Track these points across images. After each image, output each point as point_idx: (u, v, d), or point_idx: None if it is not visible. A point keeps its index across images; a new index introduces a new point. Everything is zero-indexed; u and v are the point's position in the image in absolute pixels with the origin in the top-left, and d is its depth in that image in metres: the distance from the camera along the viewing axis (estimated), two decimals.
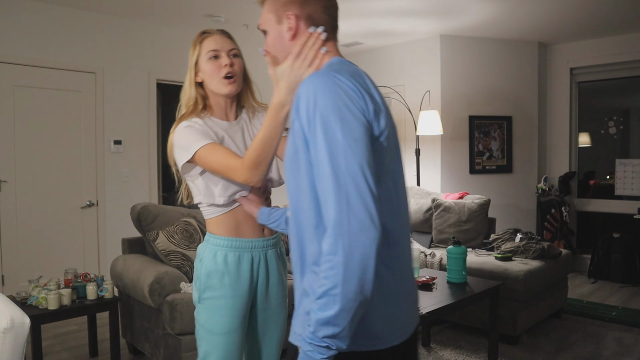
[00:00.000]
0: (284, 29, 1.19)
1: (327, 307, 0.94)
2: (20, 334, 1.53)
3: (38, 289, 2.83)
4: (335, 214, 0.96)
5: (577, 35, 5.41)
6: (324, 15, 1.18)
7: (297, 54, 1.23)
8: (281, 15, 1.18)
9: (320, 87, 1.02)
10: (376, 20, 4.85)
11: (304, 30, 1.18)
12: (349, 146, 0.98)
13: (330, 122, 0.99)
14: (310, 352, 0.96)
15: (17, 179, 4.12)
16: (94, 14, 4.51)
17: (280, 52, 1.22)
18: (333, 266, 0.94)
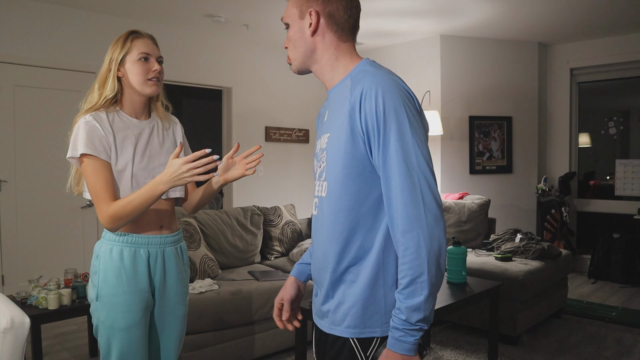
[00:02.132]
0: (305, 24, 1.22)
1: (415, 294, 1.04)
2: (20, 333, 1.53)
3: (38, 289, 2.83)
4: (414, 208, 1.05)
5: (577, 36, 5.41)
6: (345, 14, 1.21)
7: (191, 161, 1.42)
8: (304, 10, 1.22)
9: (387, 87, 1.08)
10: (376, 20, 4.85)
11: (324, 27, 1.21)
12: (417, 145, 1.07)
13: (402, 122, 1.06)
14: (403, 336, 1.05)
15: (17, 179, 4.12)
16: (94, 14, 4.51)
17: (300, 46, 1.24)
18: (417, 257, 1.04)
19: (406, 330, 1.05)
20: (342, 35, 1.22)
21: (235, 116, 5.57)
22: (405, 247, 1.05)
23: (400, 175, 1.05)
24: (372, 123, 1.08)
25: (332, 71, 1.23)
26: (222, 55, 5.44)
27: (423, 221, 1.04)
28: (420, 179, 1.05)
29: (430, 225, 1.04)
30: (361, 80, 1.13)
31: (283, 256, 3.93)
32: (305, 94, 6.30)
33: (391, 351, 1.06)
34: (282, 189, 6.03)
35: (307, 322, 2.64)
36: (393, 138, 1.06)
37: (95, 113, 1.62)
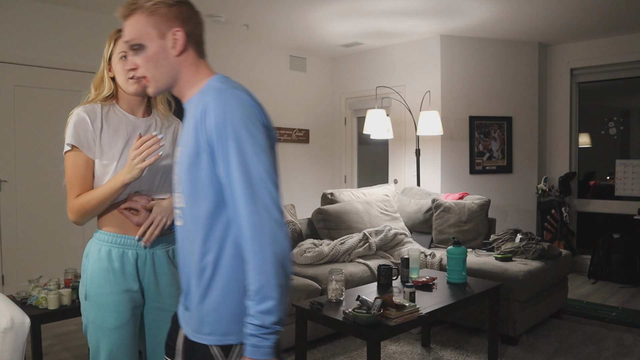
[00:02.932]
0: (168, 44, 1.21)
1: (266, 299, 1.07)
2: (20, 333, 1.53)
3: (38, 289, 2.83)
4: (256, 217, 1.09)
5: (577, 36, 5.41)
6: (201, 32, 1.25)
7: (136, 148, 1.49)
8: (165, 31, 1.20)
9: (228, 102, 1.12)
10: (376, 20, 4.85)
11: (189, 47, 1.22)
12: (257, 156, 1.10)
13: (240, 135, 1.10)
14: (259, 342, 1.08)
15: (17, 179, 4.12)
16: (94, 14, 4.51)
17: (164, 66, 1.22)
18: (263, 263, 1.08)
19: (262, 335, 1.08)
20: (200, 52, 1.25)
21: None
22: (252, 253, 1.09)
23: (242, 186, 1.09)
24: (213, 137, 1.11)
25: (191, 88, 1.25)
26: (222, 55, 5.44)
27: (266, 228, 1.09)
28: (261, 189, 1.10)
29: (274, 231, 1.09)
30: (205, 95, 1.16)
31: None
32: (305, 94, 6.30)
33: (249, 359, 1.09)
34: (282, 189, 6.02)
35: (307, 322, 2.65)
36: (232, 152, 1.10)
37: (89, 105, 1.64)
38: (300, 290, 3.18)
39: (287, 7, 4.42)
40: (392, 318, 2.34)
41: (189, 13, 1.23)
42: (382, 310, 2.35)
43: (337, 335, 3.51)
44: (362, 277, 3.54)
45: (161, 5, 1.20)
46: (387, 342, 3.44)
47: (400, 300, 2.49)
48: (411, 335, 3.55)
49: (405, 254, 3.57)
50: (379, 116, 5.02)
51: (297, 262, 3.68)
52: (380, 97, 5.45)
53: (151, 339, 1.71)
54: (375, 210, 4.33)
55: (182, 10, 1.22)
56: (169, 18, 1.20)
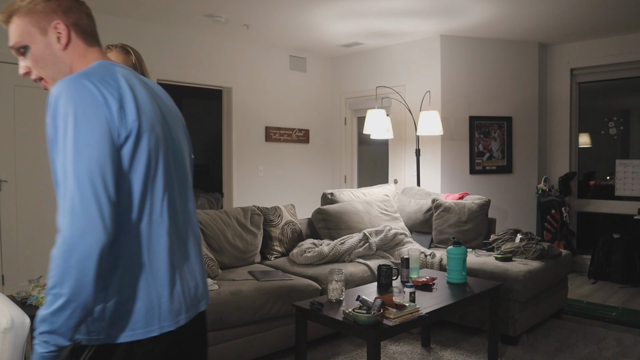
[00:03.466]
0: (52, 40, 1.17)
1: (48, 304, 0.99)
2: (20, 333, 1.53)
3: (38, 289, 2.83)
4: (62, 216, 0.99)
5: (577, 36, 5.41)
6: (89, 22, 1.21)
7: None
8: (46, 26, 1.16)
9: (63, 92, 1.06)
10: (376, 20, 4.85)
11: (74, 38, 1.18)
12: (79, 151, 1.01)
13: (66, 127, 1.03)
14: (37, 344, 1.00)
15: (17, 179, 4.12)
16: (94, 14, 4.50)
17: (53, 63, 1.18)
18: (55, 266, 0.99)
19: (37, 338, 1.00)
20: (89, 41, 1.21)
21: (235, 116, 5.57)
22: (53, 253, 1.01)
23: (58, 180, 1.03)
24: (49, 127, 1.08)
25: None
26: (222, 55, 5.44)
27: (67, 230, 0.99)
28: (73, 187, 1.00)
29: (75, 235, 0.98)
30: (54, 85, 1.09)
31: (283, 256, 3.93)
32: (305, 94, 6.30)
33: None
34: (282, 189, 6.03)
35: (307, 322, 2.65)
36: (59, 143, 1.04)
37: None
38: (300, 290, 3.18)
39: (287, 7, 4.42)
40: (392, 318, 2.34)
41: (69, 3, 1.17)
42: (382, 310, 2.35)
43: (337, 335, 3.51)
44: (362, 277, 3.54)
45: (38, 2, 1.15)
46: (387, 342, 3.44)
47: (400, 300, 2.49)
48: (411, 335, 3.55)
49: (405, 254, 3.57)
50: (379, 116, 5.02)
51: (297, 262, 3.68)
52: (380, 97, 5.45)
53: None
54: (375, 210, 4.33)
55: (61, 2, 1.16)
56: (47, 12, 1.15)
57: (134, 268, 1.12)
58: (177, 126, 1.29)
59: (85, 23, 1.20)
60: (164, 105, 1.26)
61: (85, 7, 1.22)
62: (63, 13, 1.16)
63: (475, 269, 3.55)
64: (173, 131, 1.25)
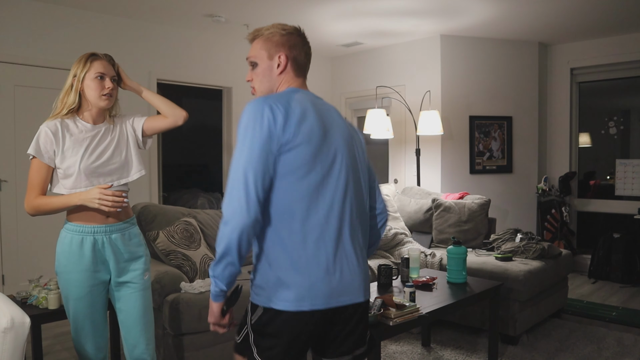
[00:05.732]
0: (274, 64, 1.51)
1: (215, 259, 1.37)
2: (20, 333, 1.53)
3: (38, 289, 2.83)
4: (225, 199, 1.36)
5: (577, 35, 5.41)
6: (305, 59, 1.55)
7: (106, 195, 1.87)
8: (273, 53, 1.51)
9: (247, 109, 1.38)
10: (376, 20, 4.85)
11: (288, 68, 1.52)
12: (242, 153, 1.34)
13: (239, 133, 1.37)
14: (212, 284, 1.42)
15: (17, 179, 4.12)
16: (94, 14, 4.51)
17: (267, 82, 1.53)
18: (219, 232, 1.36)
19: (212, 280, 1.41)
20: (299, 73, 1.54)
21: (235, 116, 5.57)
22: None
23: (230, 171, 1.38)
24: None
25: None
26: (222, 55, 5.44)
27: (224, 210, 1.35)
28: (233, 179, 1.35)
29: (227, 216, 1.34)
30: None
31: None
32: None
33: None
34: None
35: None
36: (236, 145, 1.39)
37: (54, 121, 1.98)
38: None
39: (287, 7, 4.42)
40: (392, 318, 2.34)
41: (296, 41, 1.52)
42: (382, 310, 2.35)
43: None
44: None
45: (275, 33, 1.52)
46: (387, 341, 3.44)
47: (400, 300, 2.50)
48: (411, 335, 3.55)
49: (405, 254, 3.57)
50: (379, 116, 5.03)
51: None
52: (380, 97, 5.45)
53: (121, 308, 2.08)
54: None
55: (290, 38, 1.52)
56: (278, 44, 1.51)
57: (294, 254, 1.40)
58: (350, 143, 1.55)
59: (302, 60, 1.54)
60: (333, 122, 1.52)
61: (307, 47, 1.56)
62: (289, 48, 1.51)
63: (476, 268, 3.55)
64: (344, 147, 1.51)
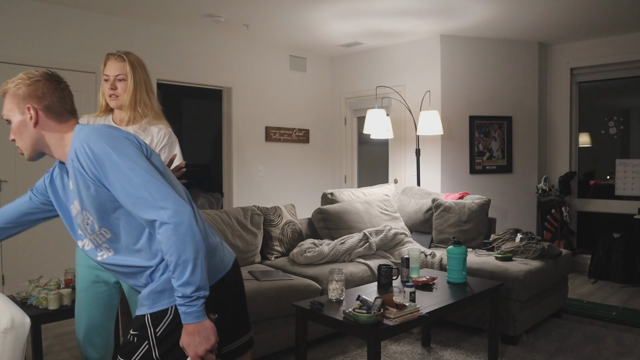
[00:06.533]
0: (27, 118, 1.44)
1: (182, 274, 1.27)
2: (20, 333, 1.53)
3: (38, 289, 2.83)
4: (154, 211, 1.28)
5: (577, 35, 5.41)
6: (60, 104, 1.47)
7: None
8: (22, 107, 1.44)
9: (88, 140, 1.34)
10: (376, 20, 4.85)
11: (43, 118, 1.44)
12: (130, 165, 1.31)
13: (111, 157, 1.31)
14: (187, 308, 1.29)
15: (17, 179, 4.12)
16: (94, 14, 4.51)
17: (27, 137, 1.46)
18: (171, 246, 1.27)
19: (187, 303, 1.29)
20: (62, 118, 1.46)
21: (235, 116, 5.57)
22: (160, 239, 1.29)
23: (130, 192, 1.30)
24: (93, 171, 1.32)
25: (62, 148, 1.46)
26: (222, 55, 5.44)
27: (164, 216, 1.27)
28: (148, 186, 1.29)
29: (172, 216, 1.27)
30: (72, 144, 1.39)
31: (283, 256, 3.93)
32: (305, 94, 6.30)
33: (185, 325, 1.31)
34: (282, 189, 6.03)
35: (307, 322, 2.65)
36: (111, 173, 1.30)
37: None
38: (300, 290, 3.18)
39: (287, 7, 4.42)
40: (392, 318, 2.34)
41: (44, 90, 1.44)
42: (382, 310, 2.35)
43: (337, 335, 3.51)
44: (362, 277, 3.54)
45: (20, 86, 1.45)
46: (387, 342, 3.44)
47: (400, 300, 2.49)
48: (411, 335, 3.55)
49: (405, 254, 3.57)
50: (379, 116, 5.03)
51: (297, 261, 3.68)
52: (380, 97, 5.45)
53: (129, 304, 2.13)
54: (375, 210, 4.33)
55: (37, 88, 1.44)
56: (25, 97, 1.44)
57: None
58: None
59: (58, 106, 1.46)
60: None
61: (60, 92, 1.48)
62: (38, 99, 1.44)
63: (476, 268, 3.55)
64: None
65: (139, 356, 1.38)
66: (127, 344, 1.42)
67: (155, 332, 1.38)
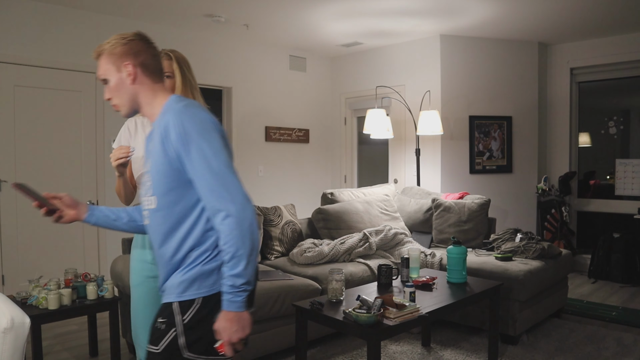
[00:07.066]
0: (124, 75, 1.50)
1: (236, 266, 1.34)
2: (20, 333, 1.53)
3: (38, 289, 2.83)
4: (223, 200, 1.35)
5: (577, 35, 5.41)
6: (154, 61, 1.54)
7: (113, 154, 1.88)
8: (119, 65, 1.50)
9: (186, 118, 1.39)
10: (376, 20, 4.85)
11: (140, 75, 1.51)
12: (215, 154, 1.37)
13: (199, 141, 1.37)
14: (232, 297, 1.36)
15: (17, 179, 4.12)
16: (94, 14, 4.51)
17: (123, 94, 1.52)
18: (232, 237, 1.34)
19: (234, 292, 1.35)
20: (154, 78, 1.53)
21: (235, 116, 5.58)
22: (222, 230, 1.35)
23: (205, 178, 1.37)
24: (178, 146, 1.38)
25: (152, 108, 1.52)
26: (222, 55, 5.44)
27: (232, 209, 1.34)
28: (223, 178, 1.36)
29: (239, 211, 1.34)
30: (166, 114, 1.43)
31: (283, 256, 3.93)
32: (305, 93, 6.30)
33: (226, 311, 1.37)
34: (282, 189, 6.03)
35: (308, 322, 2.65)
36: (195, 154, 1.37)
37: (135, 117, 2.09)
38: (300, 290, 3.18)
39: (287, 7, 4.42)
40: (392, 318, 2.34)
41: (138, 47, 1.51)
42: (382, 310, 2.35)
43: (337, 335, 3.51)
44: (362, 277, 3.54)
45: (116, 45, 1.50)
46: (387, 342, 3.44)
47: (400, 300, 2.49)
48: (411, 335, 3.55)
49: (405, 254, 3.57)
50: (379, 116, 5.03)
51: (297, 261, 3.68)
52: (380, 96, 5.45)
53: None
54: (375, 210, 4.33)
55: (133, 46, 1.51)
56: (122, 54, 1.49)
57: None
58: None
59: (152, 63, 1.53)
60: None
61: (153, 50, 1.55)
62: (134, 55, 1.50)
63: (475, 268, 3.55)
64: None
65: (167, 343, 1.43)
66: (155, 331, 1.47)
67: (182, 320, 1.43)
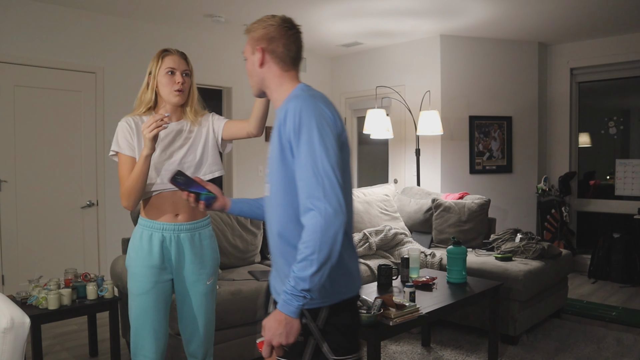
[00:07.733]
0: (255, 58, 1.53)
1: (305, 268, 1.26)
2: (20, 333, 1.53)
3: (38, 289, 2.83)
4: (316, 200, 1.28)
5: (577, 35, 5.41)
6: (285, 50, 1.52)
7: (147, 123, 1.80)
8: (254, 48, 1.53)
9: (304, 108, 1.36)
10: (376, 20, 4.85)
11: (268, 60, 1.52)
12: (325, 152, 1.31)
13: (312, 134, 1.33)
14: (290, 300, 1.29)
15: (17, 179, 4.12)
16: (94, 14, 4.51)
17: (254, 75, 1.55)
18: (312, 238, 1.26)
19: (293, 295, 1.28)
20: (283, 66, 1.52)
21: (235, 116, 5.57)
22: (306, 228, 1.29)
23: (307, 172, 1.31)
24: (291, 135, 1.35)
25: (278, 94, 1.52)
26: (222, 55, 5.44)
27: (323, 211, 1.27)
28: (324, 178, 1.29)
29: (329, 216, 1.27)
30: (289, 102, 1.41)
31: None
32: None
33: (278, 311, 1.31)
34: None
35: None
36: (304, 145, 1.32)
37: (132, 118, 2.00)
38: None
39: (287, 7, 4.42)
40: (392, 318, 2.34)
41: (273, 34, 1.53)
42: (382, 310, 2.35)
43: None
44: (362, 277, 3.54)
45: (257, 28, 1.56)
46: (387, 342, 3.44)
47: (400, 300, 2.50)
48: (411, 335, 3.55)
49: (405, 254, 3.57)
50: (379, 116, 5.03)
51: None
52: (380, 97, 5.45)
53: (179, 308, 2.07)
54: (375, 210, 4.33)
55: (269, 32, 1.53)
56: (258, 38, 1.53)
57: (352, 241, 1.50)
58: None
59: (282, 52, 1.52)
60: None
61: (287, 39, 1.54)
62: (267, 41, 1.52)
63: (475, 268, 3.55)
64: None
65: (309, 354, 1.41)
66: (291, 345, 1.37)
67: (317, 325, 1.40)
